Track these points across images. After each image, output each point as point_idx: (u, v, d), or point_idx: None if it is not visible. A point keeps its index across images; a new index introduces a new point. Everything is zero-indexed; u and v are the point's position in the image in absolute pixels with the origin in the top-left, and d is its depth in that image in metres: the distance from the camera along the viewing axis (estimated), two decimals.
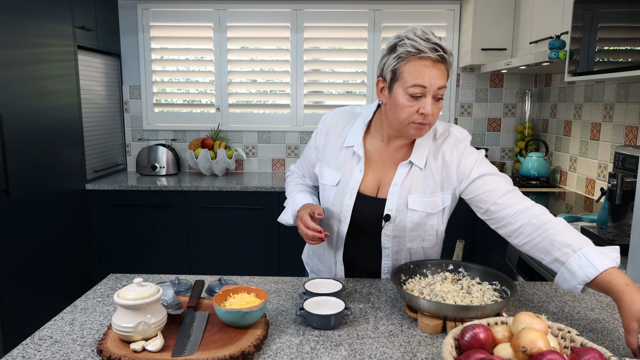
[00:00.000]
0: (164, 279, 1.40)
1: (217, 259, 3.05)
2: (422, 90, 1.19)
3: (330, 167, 1.40)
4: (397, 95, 1.22)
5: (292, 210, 1.42)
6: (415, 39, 1.18)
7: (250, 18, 3.41)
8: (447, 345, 0.88)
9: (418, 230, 1.34)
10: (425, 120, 1.21)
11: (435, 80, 1.18)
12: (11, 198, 2.28)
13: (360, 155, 1.35)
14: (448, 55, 1.21)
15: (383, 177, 1.36)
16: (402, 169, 1.33)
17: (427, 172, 1.32)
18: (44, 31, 2.52)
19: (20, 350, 1.01)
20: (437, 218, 1.35)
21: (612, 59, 1.81)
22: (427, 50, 1.17)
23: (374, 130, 1.37)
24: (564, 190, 2.88)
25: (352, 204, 1.35)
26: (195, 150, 3.31)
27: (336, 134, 1.40)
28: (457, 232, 2.94)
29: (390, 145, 1.35)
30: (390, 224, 1.33)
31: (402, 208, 1.32)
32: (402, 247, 1.37)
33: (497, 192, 1.26)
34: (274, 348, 1.02)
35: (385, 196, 1.34)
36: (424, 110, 1.20)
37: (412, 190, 1.32)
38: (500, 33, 2.99)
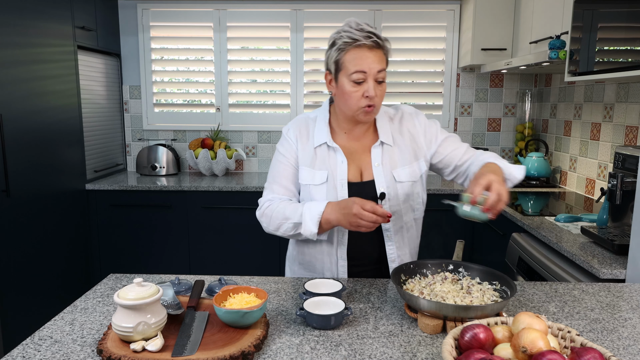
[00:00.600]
0: (164, 279, 1.40)
1: (217, 259, 3.05)
2: (363, 76, 1.30)
3: (309, 166, 1.43)
4: (343, 84, 1.33)
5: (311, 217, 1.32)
6: (350, 30, 1.30)
7: (250, 18, 3.41)
8: (447, 345, 0.88)
9: (409, 201, 1.44)
10: (371, 102, 1.32)
11: (373, 64, 1.29)
12: (11, 198, 2.28)
13: (335, 147, 1.42)
14: (382, 41, 1.32)
15: (361, 163, 1.44)
16: (375, 150, 1.43)
17: (398, 147, 1.44)
18: (44, 31, 2.52)
19: (20, 350, 1.01)
20: (419, 185, 1.46)
21: (612, 59, 1.81)
22: (362, 39, 1.28)
23: (335, 127, 1.46)
24: (564, 190, 2.88)
25: (346, 193, 1.40)
26: (195, 150, 3.31)
27: (304, 138, 1.46)
28: (457, 232, 2.94)
29: (354, 134, 1.45)
30: (386, 202, 1.41)
31: (391, 183, 1.41)
32: (401, 223, 1.44)
33: (459, 150, 1.46)
34: (274, 348, 1.02)
35: (371, 178, 1.42)
36: (368, 93, 1.31)
37: (393, 166, 1.42)
38: (500, 33, 2.99)
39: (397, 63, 3.43)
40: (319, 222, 1.33)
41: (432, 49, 3.42)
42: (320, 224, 1.33)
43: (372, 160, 1.41)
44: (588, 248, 1.72)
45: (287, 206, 1.39)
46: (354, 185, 1.41)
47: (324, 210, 1.33)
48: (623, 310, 1.22)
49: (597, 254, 1.66)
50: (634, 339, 1.07)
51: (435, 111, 3.50)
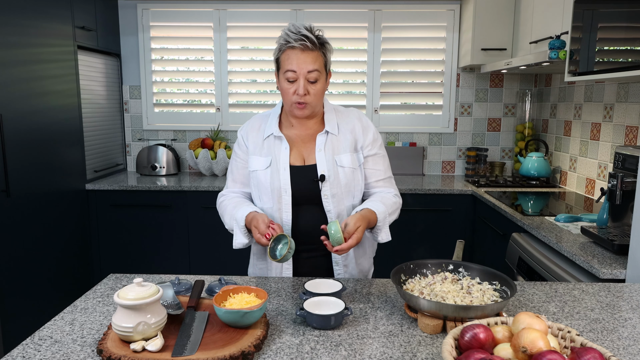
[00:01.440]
0: (164, 279, 1.40)
1: (217, 259, 3.05)
2: (294, 75, 1.41)
3: (257, 155, 1.54)
4: (280, 81, 1.46)
5: (240, 229, 1.48)
6: (287, 33, 1.41)
7: (250, 18, 3.41)
8: (447, 345, 0.88)
9: (349, 187, 1.52)
10: (302, 99, 1.42)
11: (303, 65, 1.40)
12: (11, 198, 2.28)
13: (281, 136, 1.52)
14: (316, 43, 1.41)
15: (305, 149, 1.54)
16: (320, 137, 1.52)
17: (341, 137, 1.53)
18: (44, 31, 2.52)
19: (20, 350, 1.01)
20: (359, 174, 1.54)
21: (612, 59, 1.81)
22: (293, 41, 1.40)
23: (285, 120, 1.57)
24: (564, 190, 2.88)
25: (288, 176, 1.49)
26: (195, 150, 3.31)
27: (254, 132, 1.57)
28: (457, 232, 2.94)
29: (303, 127, 1.54)
30: (327, 184, 1.49)
31: (332, 167, 1.50)
32: (341, 206, 1.51)
33: (383, 172, 1.57)
34: (274, 348, 1.02)
35: (314, 162, 1.51)
36: (298, 91, 1.41)
37: (335, 151, 1.51)
38: (500, 33, 2.99)
39: (397, 63, 3.43)
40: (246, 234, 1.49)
41: (432, 49, 3.42)
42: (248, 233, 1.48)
43: (316, 146, 1.51)
44: (588, 248, 1.72)
45: (226, 207, 1.57)
46: (296, 168, 1.50)
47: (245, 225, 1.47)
48: (623, 310, 1.22)
49: (597, 254, 1.66)
50: (634, 339, 1.07)
51: (435, 111, 3.50)
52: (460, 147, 3.52)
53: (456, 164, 3.53)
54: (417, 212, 2.92)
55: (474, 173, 3.40)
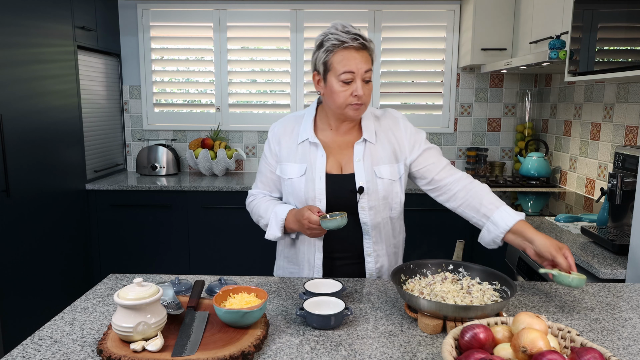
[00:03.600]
0: (164, 279, 1.40)
1: (217, 259, 3.05)
2: (351, 76, 1.35)
3: (292, 162, 1.49)
4: (331, 84, 1.38)
5: (277, 222, 1.45)
6: (337, 33, 1.35)
7: (250, 18, 3.41)
8: (447, 345, 0.88)
9: (387, 199, 1.47)
10: (360, 100, 1.37)
11: (360, 65, 1.35)
12: (11, 198, 2.28)
13: (317, 143, 1.47)
14: (368, 42, 1.37)
15: (342, 157, 1.48)
16: (358, 146, 1.47)
17: (380, 146, 1.48)
18: (44, 31, 2.52)
19: (20, 350, 1.01)
20: (398, 186, 1.49)
21: (612, 59, 1.81)
22: (349, 40, 1.34)
23: (321, 123, 1.51)
24: (564, 190, 2.88)
25: (323, 185, 1.44)
26: (195, 150, 3.31)
27: (287, 136, 1.52)
28: (457, 232, 2.94)
29: (340, 131, 1.49)
30: (364, 196, 1.44)
31: (371, 178, 1.45)
32: (378, 219, 1.47)
33: (439, 164, 1.49)
34: (274, 348, 1.02)
35: (351, 172, 1.46)
36: (357, 92, 1.36)
37: (374, 162, 1.46)
38: (500, 33, 2.99)
39: (397, 63, 3.43)
40: (282, 228, 1.45)
41: (432, 49, 3.42)
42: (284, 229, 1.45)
43: (354, 155, 1.46)
44: (588, 248, 1.72)
45: (261, 205, 1.53)
46: (333, 177, 1.46)
47: (285, 218, 1.44)
48: (623, 310, 1.22)
49: (597, 254, 1.66)
50: (634, 339, 1.07)
51: (435, 111, 3.49)
52: (460, 147, 3.52)
53: (456, 164, 3.53)
54: (417, 212, 2.92)
55: (474, 173, 3.40)
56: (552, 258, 1.23)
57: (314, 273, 1.50)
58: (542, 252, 1.26)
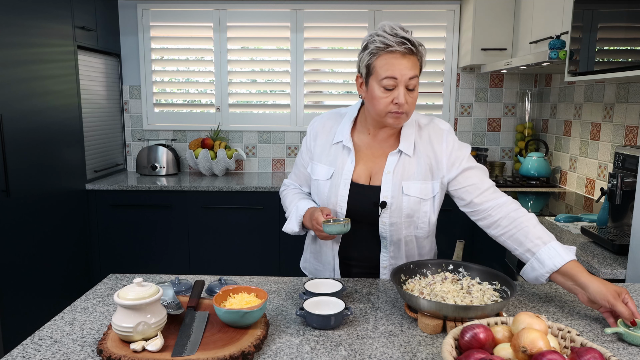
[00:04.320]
0: (164, 279, 1.40)
1: (217, 259, 3.05)
2: (394, 82, 1.27)
3: (322, 162, 1.46)
4: (373, 88, 1.30)
5: (296, 217, 1.45)
6: (384, 35, 1.27)
7: (250, 18, 3.41)
8: (447, 345, 0.88)
9: (412, 217, 1.40)
10: (401, 109, 1.29)
11: (405, 71, 1.26)
12: (11, 198, 2.28)
13: (349, 148, 1.42)
14: (417, 47, 1.28)
15: (374, 166, 1.42)
16: (392, 157, 1.39)
17: (416, 160, 1.39)
18: (44, 31, 2.52)
19: (20, 350, 1.01)
20: (429, 205, 1.41)
21: (612, 59, 1.81)
22: (395, 44, 1.25)
23: (360, 125, 1.45)
24: (564, 190, 2.88)
25: (346, 193, 1.40)
26: (195, 150, 3.31)
27: (324, 133, 1.48)
28: (457, 232, 2.94)
29: (377, 137, 1.43)
30: (387, 211, 1.38)
31: (397, 194, 1.38)
32: (400, 235, 1.42)
33: (480, 185, 1.37)
34: (274, 348, 1.02)
35: (379, 184, 1.39)
36: (398, 100, 1.28)
37: (405, 177, 1.38)
38: (500, 33, 2.99)
39: None
40: (300, 224, 1.45)
41: (432, 49, 3.42)
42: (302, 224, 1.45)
43: (386, 167, 1.39)
44: (588, 248, 1.72)
45: (288, 196, 1.55)
46: (358, 186, 1.41)
47: (304, 215, 1.43)
48: None
49: (597, 254, 1.66)
50: None
51: (435, 111, 3.49)
52: None
53: None
54: None
55: None
56: (611, 307, 1.09)
57: (334, 274, 1.50)
58: (597, 300, 1.11)
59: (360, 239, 1.45)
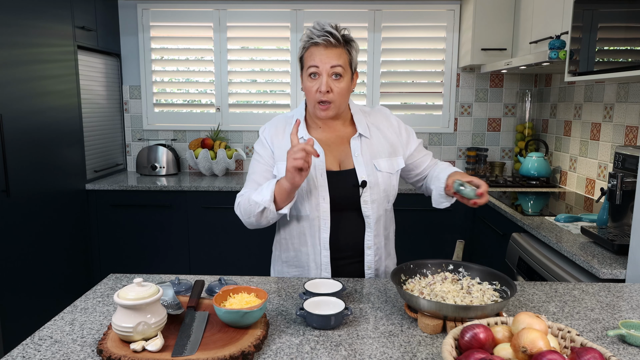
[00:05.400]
0: (164, 279, 1.40)
1: (217, 259, 3.05)
2: (316, 69, 1.36)
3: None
4: (304, 79, 1.41)
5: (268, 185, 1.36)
6: (311, 30, 1.38)
7: (250, 18, 3.41)
8: (447, 345, 0.88)
9: (387, 192, 1.50)
10: (325, 97, 1.37)
11: (326, 59, 1.35)
12: (11, 198, 2.28)
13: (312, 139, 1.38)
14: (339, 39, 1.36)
15: (339, 154, 1.48)
16: (354, 141, 1.48)
17: (376, 140, 1.50)
18: (44, 31, 2.52)
19: (20, 350, 1.01)
20: (395, 179, 1.52)
21: (612, 59, 1.81)
22: (316, 37, 1.36)
23: (311, 122, 1.52)
24: (564, 190, 2.88)
25: (325, 182, 1.44)
26: (195, 150, 3.31)
27: (279, 136, 1.50)
28: (457, 232, 2.94)
29: (330, 129, 1.50)
30: (367, 190, 1.45)
31: (372, 172, 1.46)
32: (380, 211, 1.49)
33: (427, 157, 1.59)
34: (274, 348, 1.02)
35: (351, 167, 1.47)
36: (320, 87, 1.36)
37: (373, 156, 1.48)
38: (500, 33, 2.99)
39: (397, 63, 3.43)
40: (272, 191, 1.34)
41: (432, 49, 3.42)
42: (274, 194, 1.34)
43: (352, 151, 1.47)
44: (588, 248, 1.72)
45: (252, 193, 1.42)
46: (333, 173, 1.45)
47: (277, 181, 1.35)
48: (623, 310, 1.22)
49: (597, 254, 1.66)
50: None
51: (435, 111, 3.50)
52: (460, 147, 3.52)
53: (456, 164, 3.53)
54: (417, 212, 2.92)
55: (474, 173, 3.40)
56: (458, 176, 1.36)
57: (322, 272, 1.48)
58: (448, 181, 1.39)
59: (346, 224, 1.47)
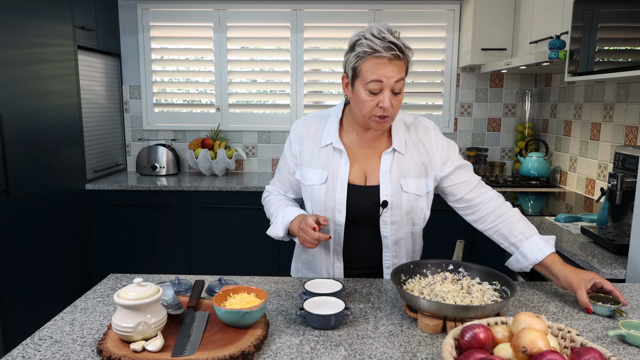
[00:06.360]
0: (164, 279, 1.40)
1: (217, 259, 3.05)
2: (379, 86, 1.27)
3: (313, 167, 1.43)
4: (358, 91, 1.30)
5: (282, 222, 1.40)
6: (371, 39, 1.26)
7: (250, 18, 3.41)
8: (447, 345, 0.88)
9: (411, 214, 1.42)
10: (385, 112, 1.30)
11: (391, 75, 1.26)
12: (11, 198, 2.28)
13: (341, 149, 1.40)
14: (404, 51, 1.29)
15: (367, 166, 1.41)
16: (386, 156, 1.40)
17: (410, 158, 1.41)
18: (44, 31, 2.52)
19: (20, 350, 1.01)
20: (424, 201, 1.44)
21: (612, 59, 1.81)
22: (382, 50, 1.25)
23: (347, 126, 1.43)
24: (564, 190, 2.88)
25: (344, 196, 1.39)
26: (195, 150, 3.31)
27: (310, 137, 1.45)
28: (457, 232, 2.94)
29: (366, 137, 1.42)
30: (387, 210, 1.39)
31: (396, 192, 1.39)
32: (400, 233, 1.43)
33: (470, 182, 1.45)
34: (274, 348, 1.02)
35: (376, 183, 1.40)
36: (383, 104, 1.28)
37: (401, 175, 1.40)
38: (500, 33, 2.99)
39: None
40: (286, 229, 1.40)
41: (432, 49, 3.42)
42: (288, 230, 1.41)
43: (381, 166, 1.39)
44: (588, 248, 1.72)
45: (274, 203, 1.50)
46: (356, 188, 1.39)
47: (292, 221, 1.39)
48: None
49: (597, 254, 1.66)
50: None
51: (435, 111, 3.49)
52: (460, 147, 3.52)
53: None
54: None
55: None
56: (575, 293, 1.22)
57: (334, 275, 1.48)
58: (565, 287, 1.26)
59: (361, 240, 1.44)
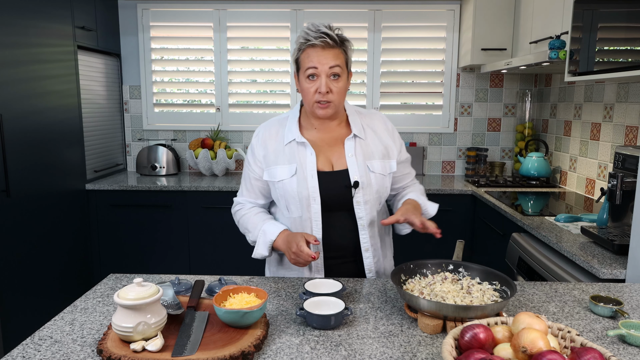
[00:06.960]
0: (164, 279, 1.40)
1: (217, 259, 3.05)
2: (314, 71, 1.37)
3: (281, 164, 1.47)
4: (301, 81, 1.42)
5: (264, 242, 1.44)
6: (306, 31, 1.39)
7: (250, 18, 3.41)
8: (447, 345, 0.88)
9: (379, 193, 1.50)
10: (325, 97, 1.38)
11: (324, 60, 1.36)
12: (11, 198, 2.28)
13: (304, 142, 1.46)
14: (336, 40, 1.38)
15: (332, 154, 1.48)
16: (349, 142, 1.48)
17: (370, 142, 1.50)
18: (44, 31, 2.52)
19: (20, 350, 1.01)
20: (388, 181, 1.52)
21: (612, 59, 1.81)
22: (313, 39, 1.36)
23: (306, 123, 1.51)
24: (564, 190, 2.88)
25: (316, 183, 1.43)
26: (195, 150, 3.31)
27: (272, 139, 1.51)
28: (457, 232, 2.94)
29: (325, 130, 1.50)
30: (360, 191, 1.45)
31: (364, 173, 1.46)
32: (373, 213, 1.49)
33: (411, 174, 1.63)
34: (274, 348, 1.02)
35: (344, 167, 1.46)
36: (320, 89, 1.37)
37: (367, 157, 1.48)
38: (500, 33, 2.99)
39: (397, 63, 3.43)
40: (270, 248, 1.45)
41: (432, 49, 3.42)
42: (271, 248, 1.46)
43: (346, 151, 1.47)
44: (588, 248, 1.72)
45: (250, 219, 1.52)
46: (325, 174, 1.45)
47: (274, 240, 1.43)
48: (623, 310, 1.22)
49: (597, 254, 1.66)
50: None
51: (435, 111, 3.49)
52: (460, 147, 3.52)
53: (456, 164, 3.53)
54: None
55: (474, 173, 3.40)
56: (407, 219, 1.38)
57: (314, 273, 1.49)
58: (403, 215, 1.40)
59: (338, 226, 1.47)
